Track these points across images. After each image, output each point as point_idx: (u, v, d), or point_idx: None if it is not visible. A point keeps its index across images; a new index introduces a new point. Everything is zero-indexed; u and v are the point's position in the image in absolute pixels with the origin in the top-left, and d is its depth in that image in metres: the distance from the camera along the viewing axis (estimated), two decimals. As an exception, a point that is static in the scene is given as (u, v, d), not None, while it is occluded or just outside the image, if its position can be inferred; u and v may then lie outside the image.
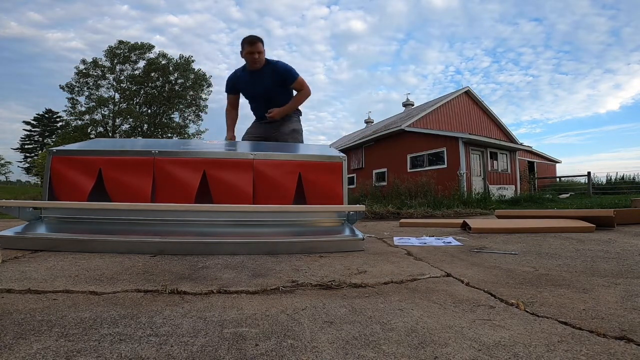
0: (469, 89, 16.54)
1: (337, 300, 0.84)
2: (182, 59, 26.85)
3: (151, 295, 0.86)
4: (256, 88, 2.51)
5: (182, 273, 1.07)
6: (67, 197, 1.67)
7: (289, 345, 0.59)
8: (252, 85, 2.51)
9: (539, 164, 18.38)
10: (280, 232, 1.68)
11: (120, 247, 1.37)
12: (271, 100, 2.53)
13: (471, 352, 0.57)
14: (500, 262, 1.29)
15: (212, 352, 0.56)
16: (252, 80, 2.49)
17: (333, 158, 1.89)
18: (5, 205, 1.60)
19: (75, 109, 24.78)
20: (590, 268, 1.18)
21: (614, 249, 1.54)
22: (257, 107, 2.61)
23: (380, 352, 0.57)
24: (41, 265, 1.13)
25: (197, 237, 1.48)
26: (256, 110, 2.65)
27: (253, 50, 2.36)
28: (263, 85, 2.48)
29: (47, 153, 1.77)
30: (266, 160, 1.80)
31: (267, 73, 2.46)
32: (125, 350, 0.57)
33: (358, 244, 1.52)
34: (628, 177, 14.39)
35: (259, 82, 2.47)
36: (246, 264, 1.21)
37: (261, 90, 2.50)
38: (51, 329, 0.64)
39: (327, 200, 1.81)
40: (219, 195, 1.73)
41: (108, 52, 25.12)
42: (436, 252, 1.51)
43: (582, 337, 0.63)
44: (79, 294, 0.85)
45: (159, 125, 26.90)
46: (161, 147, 1.84)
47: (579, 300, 0.83)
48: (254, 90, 2.53)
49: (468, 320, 0.71)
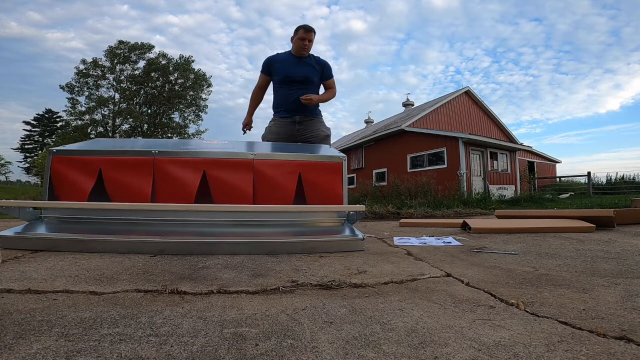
0: (469, 89, 16.55)
1: (337, 300, 0.84)
2: (182, 59, 26.87)
3: (151, 295, 0.86)
4: (298, 71, 2.52)
5: (182, 273, 1.07)
6: (67, 197, 1.67)
7: (289, 345, 0.59)
8: (295, 67, 2.52)
9: (539, 164, 18.37)
10: (280, 232, 1.68)
11: (120, 247, 1.37)
12: (308, 88, 2.54)
13: (471, 352, 0.57)
14: (500, 262, 1.29)
15: (212, 352, 0.56)
16: (295, 63, 2.52)
17: (333, 158, 1.89)
18: (5, 205, 1.60)
19: (75, 109, 24.80)
20: (590, 268, 1.18)
21: (614, 249, 1.54)
22: (291, 92, 2.53)
23: (380, 352, 0.57)
24: (41, 265, 1.13)
25: (197, 237, 1.48)
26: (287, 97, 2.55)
27: (306, 37, 2.43)
28: (306, 70, 2.52)
29: (47, 153, 1.77)
30: (266, 160, 1.80)
31: (312, 61, 2.55)
32: (125, 350, 0.57)
33: (358, 244, 1.52)
34: (628, 177, 14.39)
35: (303, 66, 2.52)
36: (246, 264, 1.21)
37: (303, 73, 2.52)
38: (51, 329, 0.64)
39: (327, 200, 1.81)
40: (219, 195, 1.73)
41: (108, 52, 25.14)
42: (436, 252, 1.51)
43: (582, 337, 0.63)
44: (79, 294, 0.85)
45: (159, 125, 26.91)
46: (161, 147, 1.84)
47: (579, 300, 0.83)
48: (295, 72, 2.52)
49: (468, 320, 0.71)
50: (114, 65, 25.31)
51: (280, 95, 2.60)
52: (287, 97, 2.55)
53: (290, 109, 2.56)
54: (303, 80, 2.52)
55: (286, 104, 2.56)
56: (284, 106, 2.58)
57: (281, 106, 2.61)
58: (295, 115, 2.56)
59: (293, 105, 2.53)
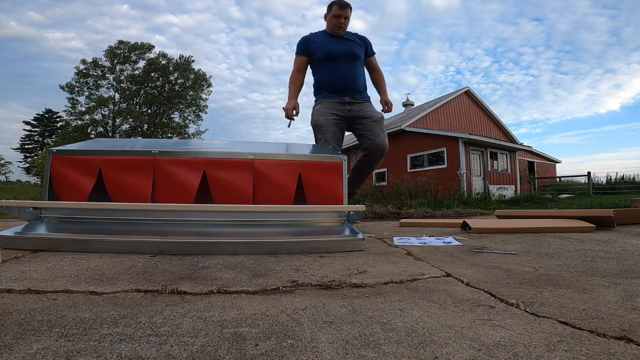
0: (469, 89, 16.56)
1: (337, 300, 0.84)
2: (182, 59, 26.88)
3: (151, 295, 0.86)
4: (341, 46, 2.29)
5: (182, 273, 1.07)
6: (67, 197, 1.67)
7: (289, 345, 0.59)
8: (336, 44, 2.29)
9: (539, 164, 18.38)
10: (280, 232, 1.68)
11: (120, 247, 1.37)
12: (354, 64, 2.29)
13: (471, 352, 0.57)
14: (500, 262, 1.29)
15: (212, 352, 0.56)
16: (335, 40, 2.30)
17: (333, 158, 1.89)
18: (5, 205, 1.60)
19: (75, 109, 24.82)
20: (590, 268, 1.18)
21: (614, 249, 1.54)
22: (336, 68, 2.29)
23: (380, 352, 0.57)
24: (41, 265, 1.13)
25: (197, 237, 1.48)
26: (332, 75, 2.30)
27: (341, 14, 2.20)
28: (349, 45, 2.29)
29: (47, 153, 1.77)
30: (266, 160, 1.80)
31: (351, 37, 2.33)
32: (125, 350, 0.57)
33: (358, 244, 1.52)
34: (628, 177, 14.41)
35: (344, 42, 2.30)
36: (246, 264, 1.21)
37: (348, 48, 2.28)
38: (51, 329, 0.64)
39: (327, 200, 1.81)
40: (219, 195, 1.73)
41: (108, 52, 25.16)
42: (436, 252, 1.51)
43: (582, 337, 0.63)
44: (79, 294, 0.85)
45: (159, 125, 26.92)
46: (161, 147, 1.84)
47: (579, 300, 0.83)
48: (339, 48, 2.28)
49: (468, 320, 0.71)
50: (114, 65, 25.32)
51: (324, 75, 2.35)
52: (333, 75, 2.31)
53: (337, 89, 2.31)
54: (349, 55, 2.28)
55: (332, 83, 2.32)
56: (330, 86, 2.33)
57: (326, 86, 2.35)
58: (344, 96, 2.31)
59: (341, 84, 2.29)
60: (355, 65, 2.31)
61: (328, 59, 2.29)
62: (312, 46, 2.33)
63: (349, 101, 2.30)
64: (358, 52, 2.31)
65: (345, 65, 2.28)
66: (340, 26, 2.24)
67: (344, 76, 2.27)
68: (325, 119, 2.28)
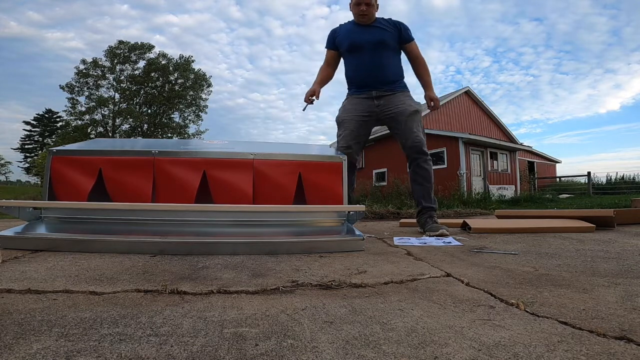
0: (469, 89, 16.56)
1: (337, 300, 0.84)
2: (182, 59, 26.88)
3: (151, 295, 0.86)
4: (364, 35, 2.12)
5: (182, 273, 1.07)
6: (67, 197, 1.67)
7: (289, 345, 0.59)
8: (360, 33, 2.13)
9: (539, 164, 18.39)
10: (280, 232, 1.68)
11: (120, 247, 1.37)
12: (382, 53, 2.11)
13: (471, 352, 0.57)
14: (500, 262, 1.29)
15: (212, 352, 0.56)
16: (361, 30, 2.14)
17: (333, 158, 1.89)
18: (5, 205, 1.60)
19: (75, 109, 24.82)
20: (590, 268, 1.18)
21: (614, 249, 1.54)
22: (361, 58, 2.15)
23: (380, 352, 0.57)
24: (41, 265, 1.13)
25: (197, 237, 1.48)
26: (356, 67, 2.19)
27: (361, 1, 2.04)
28: (375, 33, 2.11)
29: (47, 153, 1.77)
30: (266, 160, 1.80)
31: (381, 24, 2.14)
32: (125, 350, 0.57)
33: (358, 244, 1.52)
34: (628, 177, 14.41)
35: (370, 30, 2.12)
36: (246, 264, 1.21)
37: (371, 37, 2.10)
38: (51, 329, 0.64)
39: (327, 201, 1.81)
40: (219, 195, 1.73)
41: (108, 52, 25.15)
42: (436, 252, 1.51)
43: (582, 337, 0.63)
44: (79, 294, 0.85)
45: (159, 125, 26.92)
46: (161, 147, 1.85)
47: (579, 300, 0.83)
48: (361, 37, 2.12)
49: (468, 320, 0.71)
50: (114, 65, 25.32)
51: (349, 68, 2.22)
52: (357, 67, 2.17)
53: (363, 84, 2.18)
54: (375, 44, 2.10)
55: (357, 77, 2.20)
56: (356, 80, 2.21)
57: (352, 80, 2.23)
58: (370, 90, 2.16)
59: (366, 77, 2.15)
60: (383, 54, 2.12)
61: (352, 50, 2.17)
62: (337, 38, 2.22)
63: (376, 95, 2.15)
64: (387, 40, 2.11)
65: (369, 56, 2.12)
66: (362, 14, 2.07)
67: (369, 67, 2.12)
68: (347, 115, 2.19)
